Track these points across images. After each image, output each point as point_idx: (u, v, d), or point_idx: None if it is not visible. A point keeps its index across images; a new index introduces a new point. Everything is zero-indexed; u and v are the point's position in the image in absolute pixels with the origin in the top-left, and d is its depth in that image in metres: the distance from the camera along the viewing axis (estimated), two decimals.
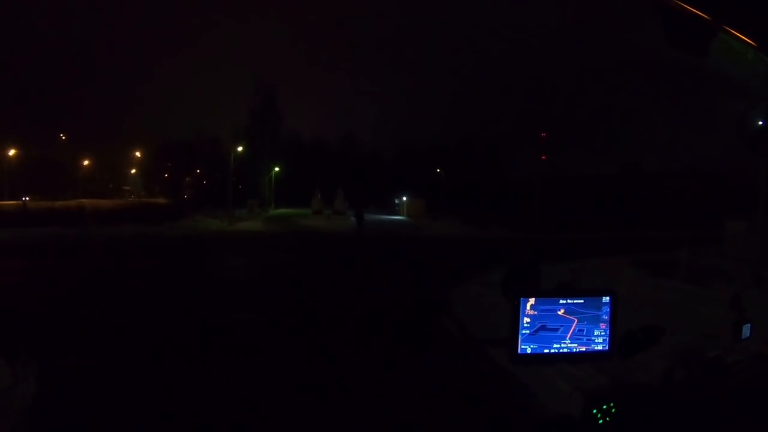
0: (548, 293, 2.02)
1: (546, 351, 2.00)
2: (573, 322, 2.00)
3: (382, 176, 55.82)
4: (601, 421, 1.91)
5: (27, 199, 34.58)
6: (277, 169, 52.22)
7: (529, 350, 1.98)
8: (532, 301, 1.97)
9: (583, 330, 2.01)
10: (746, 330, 2.55)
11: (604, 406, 1.90)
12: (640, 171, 46.83)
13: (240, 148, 43.37)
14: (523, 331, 1.97)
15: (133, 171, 50.02)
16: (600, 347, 2.02)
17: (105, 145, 49.97)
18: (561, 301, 1.99)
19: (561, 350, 2.00)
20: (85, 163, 47.38)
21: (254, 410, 4.10)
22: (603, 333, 2.02)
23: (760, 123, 2.17)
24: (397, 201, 51.98)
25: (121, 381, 4.99)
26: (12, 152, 33.83)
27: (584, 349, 2.02)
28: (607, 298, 2.03)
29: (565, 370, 2.06)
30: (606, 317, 2.02)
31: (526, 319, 1.97)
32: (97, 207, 32.02)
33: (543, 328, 1.98)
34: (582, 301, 2.00)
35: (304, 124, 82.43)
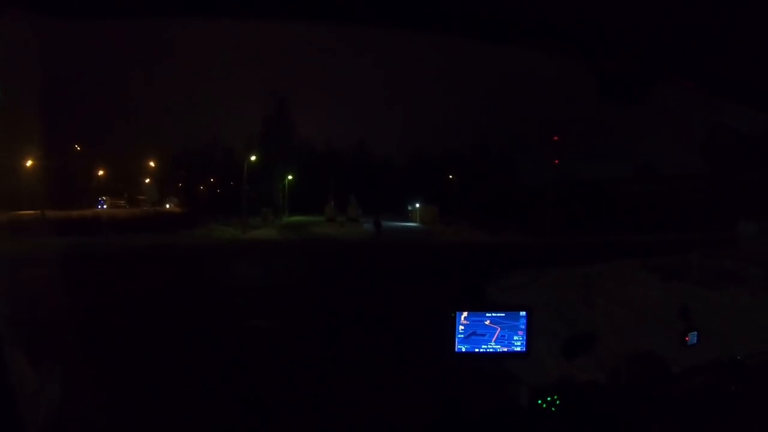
0: (478, 308, 2.63)
1: (476, 350, 2.62)
2: (497, 330, 2.63)
3: (394, 183, 55.82)
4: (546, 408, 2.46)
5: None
6: (290, 177, 52.41)
7: (463, 349, 2.61)
8: (465, 314, 2.61)
9: (504, 336, 2.63)
10: (693, 337, 2.88)
11: (549, 398, 2.46)
12: (653, 173, 46.53)
13: (253, 157, 43.64)
14: (459, 335, 2.61)
15: (147, 180, 50.36)
16: (518, 349, 2.63)
17: (119, 155, 50.14)
18: (487, 314, 2.62)
19: (488, 350, 2.62)
20: (100, 173, 47.81)
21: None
22: (521, 338, 2.63)
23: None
24: (410, 207, 51.98)
25: (141, 386, 5.17)
26: (29, 163, 34.19)
27: (506, 350, 2.63)
28: (524, 312, 2.64)
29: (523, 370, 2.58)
30: (523, 327, 2.63)
31: (461, 327, 2.61)
32: (113, 216, 32.35)
33: (474, 333, 2.62)
34: (504, 314, 2.63)
35: (316, 132, 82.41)
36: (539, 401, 2.47)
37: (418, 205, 50.07)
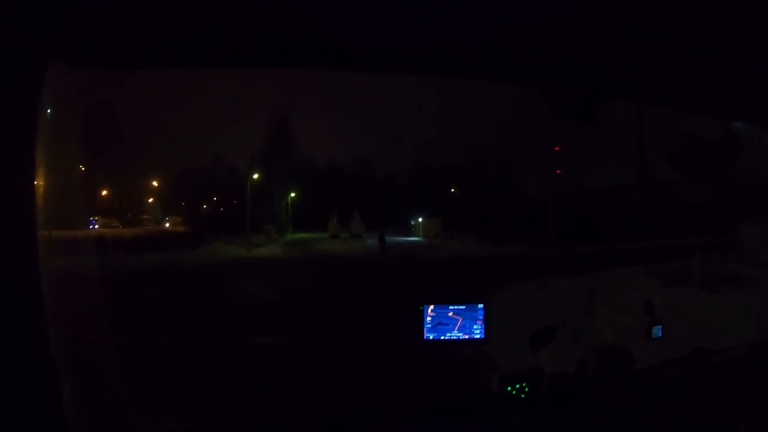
0: (443, 302, 2.97)
1: (441, 338, 2.94)
2: (459, 320, 2.95)
3: (397, 198, 55.89)
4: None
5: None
6: (293, 194, 52.54)
7: (431, 337, 2.93)
8: (432, 307, 2.94)
9: (465, 325, 2.96)
10: (657, 331, 3.11)
11: (518, 385, 2.69)
12: (654, 180, 46.44)
13: (256, 175, 43.79)
14: (427, 325, 2.93)
15: (151, 200, 50.52)
16: (478, 336, 2.96)
17: (123, 175, 50.34)
18: (450, 307, 2.95)
19: (451, 338, 2.95)
20: (104, 192, 47.98)
21: None
22: (479, 327, 2.96)
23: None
24: (412, 222, 52.02)
25: (148, 401, 5.23)
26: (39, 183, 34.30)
27: (467, 337, 2.96)
28: (481, 305, 2.97)
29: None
30: (481, 317, 2.96)
31: (428, 318, 2.94)
32: (117, 236, 32.40)
33: (439, 323, 2.95)
34: (464, 307, 2.96)
35: (318, 148, 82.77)
36: (509, 388, 2.69)
37: (421, 220, 50.11)
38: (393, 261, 28.24)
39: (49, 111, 1.62)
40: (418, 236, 48.00)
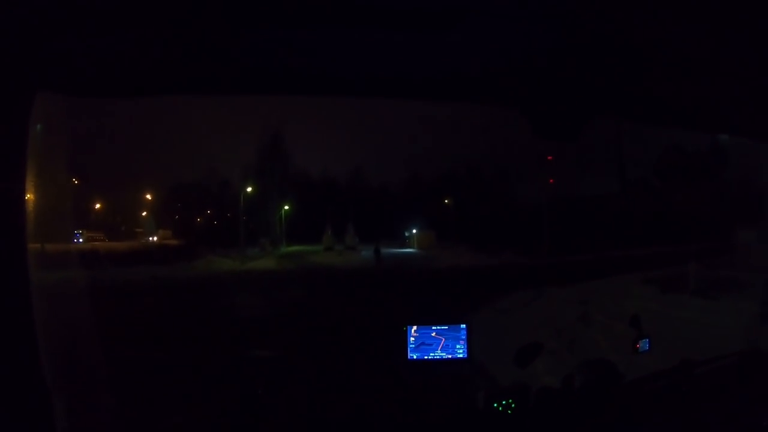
0: (426, 323, 3.04)
1: (425, 358, 3.01)
2: (441, 340, 3.02)
3: (391, 209, 55.81)
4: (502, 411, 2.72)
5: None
6: (287, 206, 52.44)
7: (414, 357, 3.00)
8: (415, 327, 3.01)
9: (448, 345, 3.02)
10: (644, 344, 3.13)
11: (504, 401, 2.71)
12: (648, 186, 46.44)
13: (249, 188, 43.76)
14: (410, 346, 3.00)
15: (144, 213, 50.35)
16: (461, 355, 3.02)
17: (116, 188, 50.12)
18: (433, 328, 3.02)
19: (435, 357, 3.00)
20: (97, 206, 47.76)
21: None
22: (462, 347, 3.02)
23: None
24: (407, 234, 51.97)
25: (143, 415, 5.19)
26: (28, 196, 34.10)
27: (450, 357, 3.01)
28: (464, 325, 3.04)
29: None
30: (464, 337, 3.02)
31: (412, 338, 3.00)
32: (111, 249, 32.24)
33: (423, 343, 3.01)
34: (447, 327, 3.03)
35: (312, 160, 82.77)
36: (495, 404, 2.72)
37: (415, 231, 50.09)
38: (388, 273, 28.23)
39: (38, 127, 1.62)
40: (413, 248, 47.96)
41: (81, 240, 36.94)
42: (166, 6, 1.59)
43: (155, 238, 44.84)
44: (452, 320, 3.05)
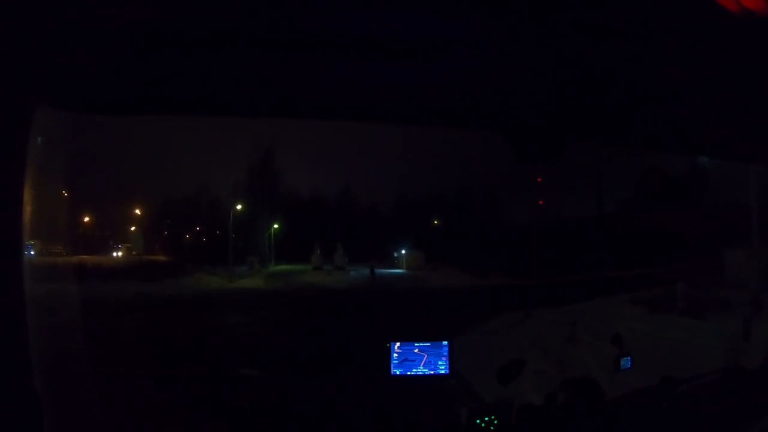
0: (409, 339, 3.11)
1: (408, 373, 3.07)
2: (424, 356, 3.08)
3: (381, 230, 55.80)
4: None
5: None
6: (276, 225, 52.33)
7: (397, 372, 3.06)
8: (398, 344, 3.08)
9: (431, 361, 3.08)
10: (626, 362, 3.20)
11: (486, 418, 2.76)
12: (632, 207, 46.86)
13: (239, 206, 43.67)
14: (394, 362, 3.07)
15: (133, 228, 50.10)
16: (443, 371, 3.07)
17: (106, 202, 49.91)
18: (416, 344, 3.10)
19: (417, 373, 3.07)
20: (86, 219, 47.40)
21: None
22: (444, 363, 3.09)
23: None
24: (396, 254, 51.92)
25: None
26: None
27: (432, 373, 3.07)
28: (446, 342, 3.11)
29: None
30: (446, 354, 3.09)
31: (395, 354, 3.07)
32: (98, 264, 31.98)
33: (406, 359, 3.08)
34: (429, 344, 3.09)
35: (302, 180, 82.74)
36: (477, 421, 2.78)
37: (404, 252, 50.06)
38: (377, 293, 28.29)
39: (39, 140, 1.64)
40: (402, 268, 47.90)
41: (33, 252, 32.53)
42: (167, 27, 1.62)
43: (120, 254, 43.73)
44: (434, 337, 3.12)
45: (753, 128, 2.44)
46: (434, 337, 3.11)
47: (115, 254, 43.39)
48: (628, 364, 3.25)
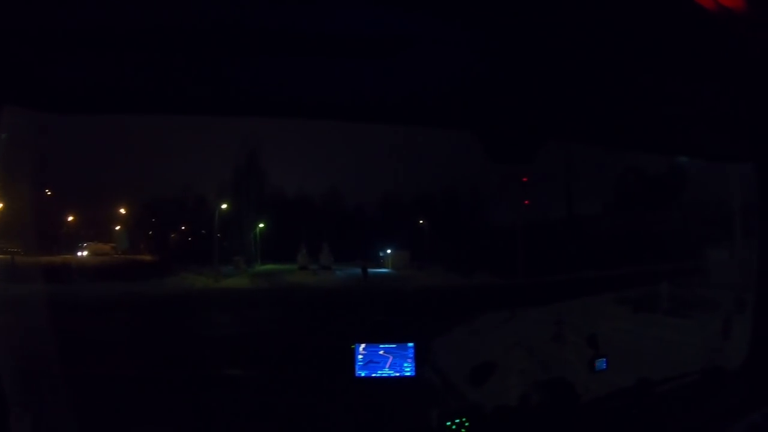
0: (374, 340, 3.11)
1: (373, 375, 3.06)
2: (389, 358, 3.05)
3: (367, 229, 55.68)
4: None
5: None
6: (262, 225, 52.09)
7: (362, 374, 3.07)
8: (363, 345, 3.10)
9: (396, 363, 3.05)
10: (601, 363, 3.23)
11: (457, 420, 2.72)
12: (623, 208, 47.04)
13: (225, 205, 43.47)
14: (358, 363, 3.06)
15: (118, 227, 49.62)
16: (408, 373, 3.07)
17: (91, 202, 49.37)
18: (381, 346, 3.10)
19: (383, 375, 3.05)
20: (70, 218, 46.80)
21: None
22: (410, 365, 3.06)
23: None
24: (381, 254, 51.86)
25: None
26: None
27: (398, 374, 3.07)
28: (411, 344, 3.12)
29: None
30: (411, 356, 3.07)
31: (360, 356, 3.06)
32: (83, 263, 31.70)
33: (371, 361, 3.06)
34: (395, 346, 3.10)
35: (288, 179, 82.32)
36: (448, 423, 2.76)
37: (390, 251, 50.02)
38: (361, 294, 28.36)
39: (3, 136, 1.61)
40: (388, 268, 47.87)
41: None
42: (138, 27, 1.60)
43: (85, 253, 41.55)
44: (400, 338, 3.13)
45: (732, 127, 2.43)
46: (399, 338, 3.11)
47: (80, 254, 40.56)
48: (604, 365, 3.26)
